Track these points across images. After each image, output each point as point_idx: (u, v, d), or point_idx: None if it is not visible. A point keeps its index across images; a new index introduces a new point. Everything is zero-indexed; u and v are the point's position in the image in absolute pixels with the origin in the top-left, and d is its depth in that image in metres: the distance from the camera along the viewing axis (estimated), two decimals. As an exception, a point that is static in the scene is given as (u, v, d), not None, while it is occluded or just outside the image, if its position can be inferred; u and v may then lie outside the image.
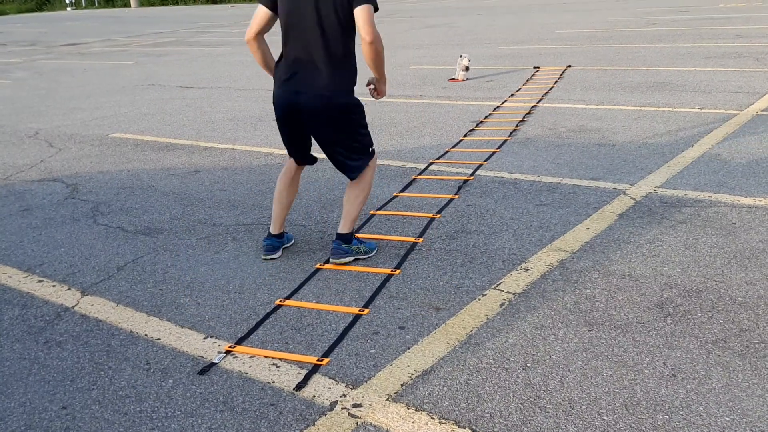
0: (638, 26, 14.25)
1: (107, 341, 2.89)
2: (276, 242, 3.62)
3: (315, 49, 3.16)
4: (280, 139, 3.52)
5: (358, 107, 3.34)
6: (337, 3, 3.07)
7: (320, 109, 3.22)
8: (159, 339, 2.87)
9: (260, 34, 3.29)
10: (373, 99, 3.56)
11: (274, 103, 3.35)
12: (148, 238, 4.05)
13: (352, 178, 3.44)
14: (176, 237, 4.04)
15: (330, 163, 3.51)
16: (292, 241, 3.77)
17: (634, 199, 4.12)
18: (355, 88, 3.33)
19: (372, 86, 3.45)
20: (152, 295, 3.29)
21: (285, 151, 3.59)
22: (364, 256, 3.52)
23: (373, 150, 3.45)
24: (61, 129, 7.57)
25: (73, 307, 3.23)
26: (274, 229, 3.62)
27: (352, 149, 3.37)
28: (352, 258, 3.49)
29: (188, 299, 3.22)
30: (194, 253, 3.78)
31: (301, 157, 3.53)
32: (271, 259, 3.60)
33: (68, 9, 48.12)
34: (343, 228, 3.47)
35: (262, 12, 3.24)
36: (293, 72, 3.22)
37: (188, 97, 9.25)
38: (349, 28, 3.15)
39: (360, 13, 3.04)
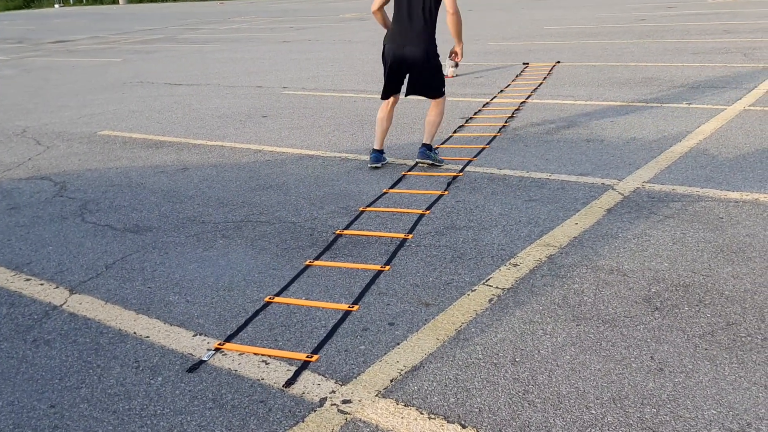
0: (627, 22, 14.30)
1: (96, 339, 2.88)
2: (380, 155, 5.08)
3: (416, 19, 4.67)
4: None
5: (437, 56, 4.84)
6: None
7: (419, 55, 4.73)
8: (148, 337, 2.87)
9: (382, 8, 4.85)
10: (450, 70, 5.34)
11: (386, 55, 4.85)
12: (137, 236, 4.04)
13: (437, 96, 4.92)
14: (165, 235, 4.03)
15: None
16: (387, 161, 5.18)
17: (622, 195, 4.14)
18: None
19: (453, 54, 4.98)
20: (141, 293, 3.28)
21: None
22: (438, 164, 4.97)
23: (444, 89, 4.99)
24: (48, 127, 7.53)
25: (61, 305, 3.21)
26: (377, 146, 5.08)
27: (438, 80, 4.89)
28: (430, 162, 4.95)
29: (177, 297, 3.22)
30: (183, 250, 3.77)
31: (396, 91, 5.00)
32: (376, 167, 5.03)
33: (56, 6, 47.82)
34: (427, 140, 5.00)
35: None
36: (400, 34, 4.75)
37: (177, 95, 9.22)
38: (437, 5, 4.65)
39: None
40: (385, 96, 5.01)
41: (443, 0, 4.57)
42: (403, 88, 5.01)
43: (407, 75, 4.90)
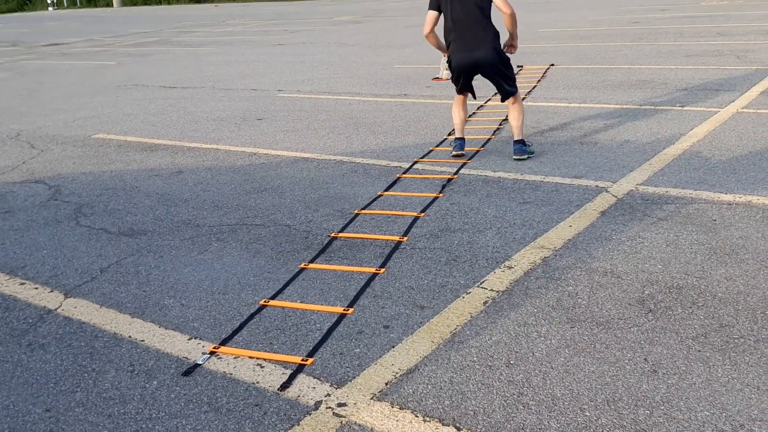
0: (620, 25, 14.35)
1: (91, 343, 2.88)
2: (463, 142, 5.33)
3: (477, 26, 5.00)
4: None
5: (504, 52, 5.17)
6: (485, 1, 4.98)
7: (491, 56, 5.04)
8: (143, 341, 2.87)
9: (433, 29, 5.18)
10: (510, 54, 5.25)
11: (454, 63, 5.14)
12: (132, 239, 4.04)
13: (511, 95, 5.19)
14: (160, 238, 4.03)
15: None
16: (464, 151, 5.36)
17: (616, 197, 4.16)
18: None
19: (507, 46, 5.22)
20: (136, 297, 3.28)
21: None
22: (531, 156, 5.21)
23: (516, 84, 5.30)
24: (43, 130, 7.51)
25: (56, 309, 3.21)
26: (459, 134, 5.36)
27: (509, 78, 5.17)
28: (526, 156, 5.16)
29: (172, 300, 3.22)
30: (178, 254, 3.77)
31: (469, 90, 5.36)
32: (461, 154, 5.26)
33: (50, 9, 47.72)
34: (518, 136, 5.21)
35: (433, 14, 5.18)
36: (468, 42, 5.04)
37: (172, 97, 9.21)
38: (489, 9, 5.02)
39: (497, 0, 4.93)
40: (460, 92, 5.38)
41: (495, 3, 4.93)
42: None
43: (474, 77, 5.28)
